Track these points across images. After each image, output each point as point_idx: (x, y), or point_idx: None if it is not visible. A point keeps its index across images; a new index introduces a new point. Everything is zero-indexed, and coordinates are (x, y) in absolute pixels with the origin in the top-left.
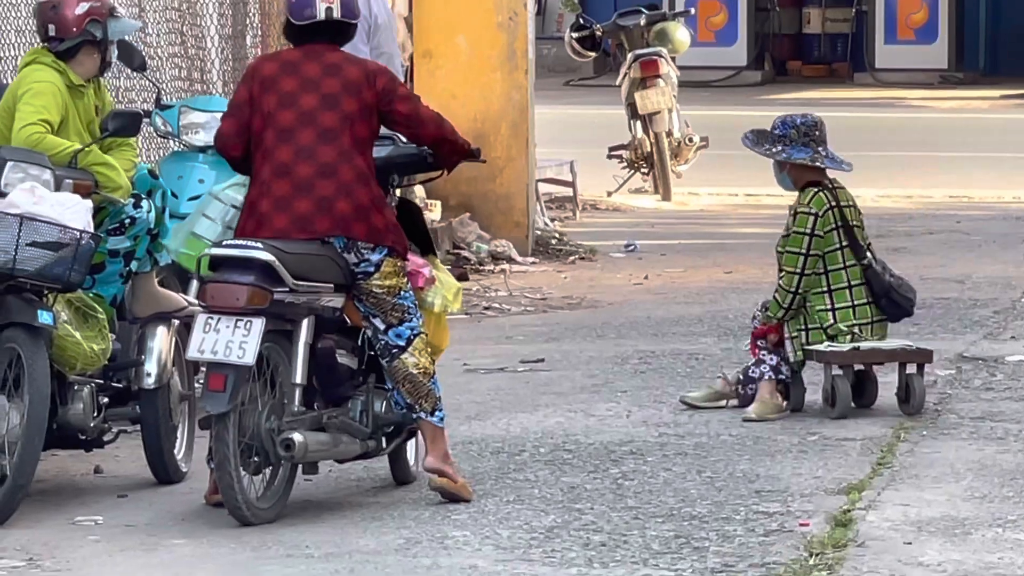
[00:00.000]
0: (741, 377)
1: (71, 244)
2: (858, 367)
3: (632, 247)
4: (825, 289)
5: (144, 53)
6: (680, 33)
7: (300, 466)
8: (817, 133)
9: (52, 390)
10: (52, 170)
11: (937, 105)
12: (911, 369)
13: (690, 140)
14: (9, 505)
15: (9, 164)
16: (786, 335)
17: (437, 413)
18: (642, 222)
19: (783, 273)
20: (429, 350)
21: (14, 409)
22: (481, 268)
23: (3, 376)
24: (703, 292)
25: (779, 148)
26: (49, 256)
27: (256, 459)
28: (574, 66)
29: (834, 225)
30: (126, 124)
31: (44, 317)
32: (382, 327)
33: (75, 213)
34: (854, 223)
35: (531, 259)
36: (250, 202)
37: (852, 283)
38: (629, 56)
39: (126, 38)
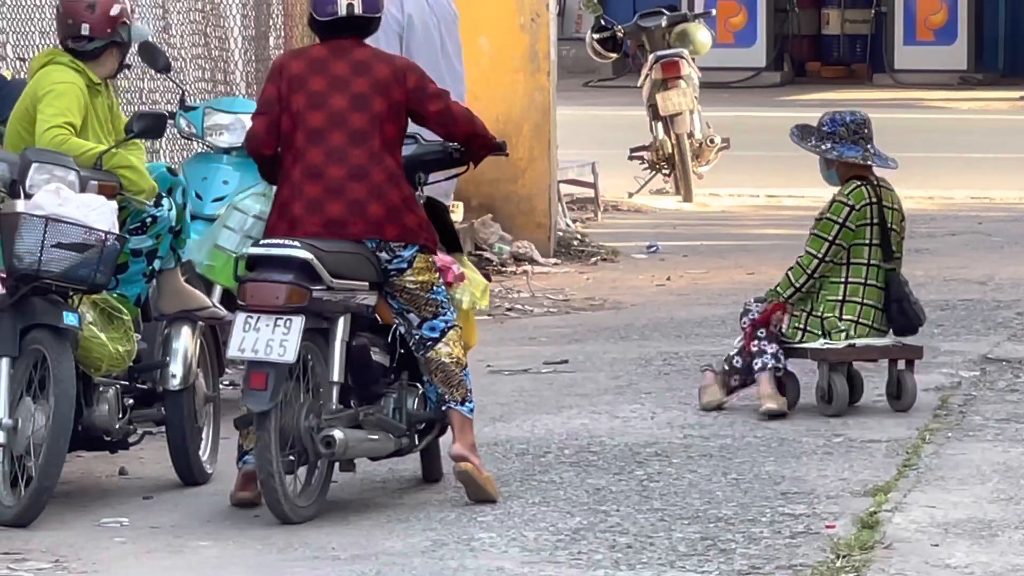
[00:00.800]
0: (726, 367)
1: (96, 245)
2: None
3: (654, 248)
4: (842, 280)
5: (168, 54)
6: (701, 34)
7: (336, 464)
8: (866, 131)
9: (77, 391)
10: (77, 171)
11: (956, 106)
12: (901, 366)
13: (711, 141)
14: (35, 507)
15: (34, 165)
16: (788, 309)
17: (467, 404)
18: (664, 223)
19: (803, 253)
20: (461, 342)
21: (39, 411)
22: (503, 269)
23: (28, 378)
24: (726, 293)
25: (829, 145)
26: (74, 257)
27: (291, 457)
28: (593, 67)
29: (869, 221)
30: (151, 125)
31: (69, 318)
32: (416, 322)
33: (100, 214)
34: (892, 226)
35: (553, 260)
36: (281, 203)
37: (868, 282)
38: (650, 57)
39: (150, 39)
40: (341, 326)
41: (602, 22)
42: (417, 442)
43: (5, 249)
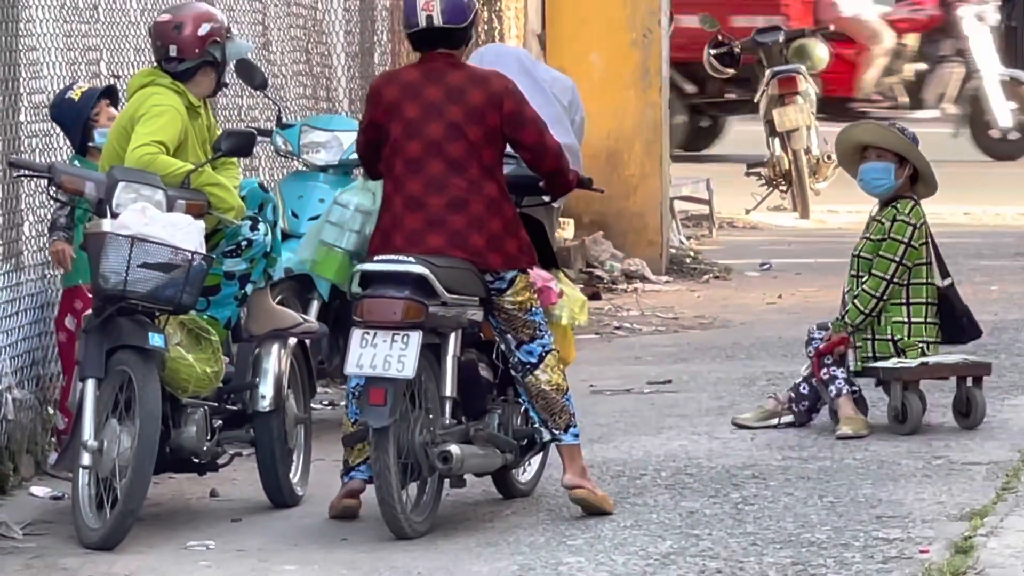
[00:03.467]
0: (792, 395)
1: (183, 265)
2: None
3: (767, 266)
4: (903, 301)
5: (267, 71)
6: (819, 50)
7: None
8: None
9: (164, 413)
10: (164, 190)
11: None
12: (969, 383)
13: (829, 157)
14: (120, 529)
15: (121, 184)
16: (853, 344)
17: (571, 430)
18: (779, 240)
19: (868, 278)
20: (561, 366)
21: (125, 432)
22: (614, 287)
23: (115, 399)
24: (836, 311)
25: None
26: (160, 278)
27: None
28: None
29: (926, 239)
30: (240, 144)
31: (155, 340)
32: (514, 344)
33: (187, 234)
34: (932, 240)
35: (664, 278)
36: (383, 231)
37: (928, 300)
38: (767, 73)
39: (247, 56)
40: (453, 341)
41: (719, 38)
42: (522, 457)
43: (92, 269)
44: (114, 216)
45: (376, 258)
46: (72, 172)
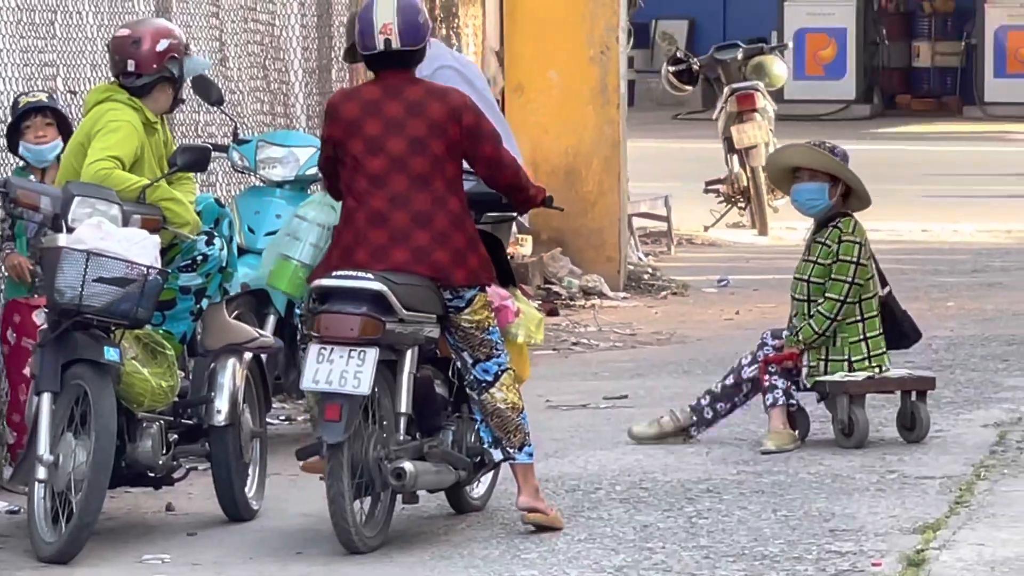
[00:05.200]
0: (691, 409)
1: (138, 280)
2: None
3: (725, 282)
4: (859, 318)
5: (224, 87)
6: (777, 67)
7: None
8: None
9: (120, 427)
10: (120, 205)
11: None
12: (913, 397)
13: None
14: (75, 543)
15: (77, 199)
16: (803, 363)
17: (526, 449)
18: (737, 257)
19: (823, 300)
20: (516, 385)
21: (80, 446)
22: (572, 303)
23: (70, 413)
24: None
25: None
26: (116, 292)
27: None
28: (682, 99)
29: (870, 254)
30: (195, 159)
31: (110, 354)
32: (470, 362)
33: (142, 249)
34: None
35: (622, 294)
36: (344, 247)
37: (878, 312)
38: (726, 90)
39: (205, 72)
40: (409, 358)
41: (678, 55)
42: (474, 474)
43: (47, 283)
44: (70, 231)
45: (334, 273)
46: (27, 187)
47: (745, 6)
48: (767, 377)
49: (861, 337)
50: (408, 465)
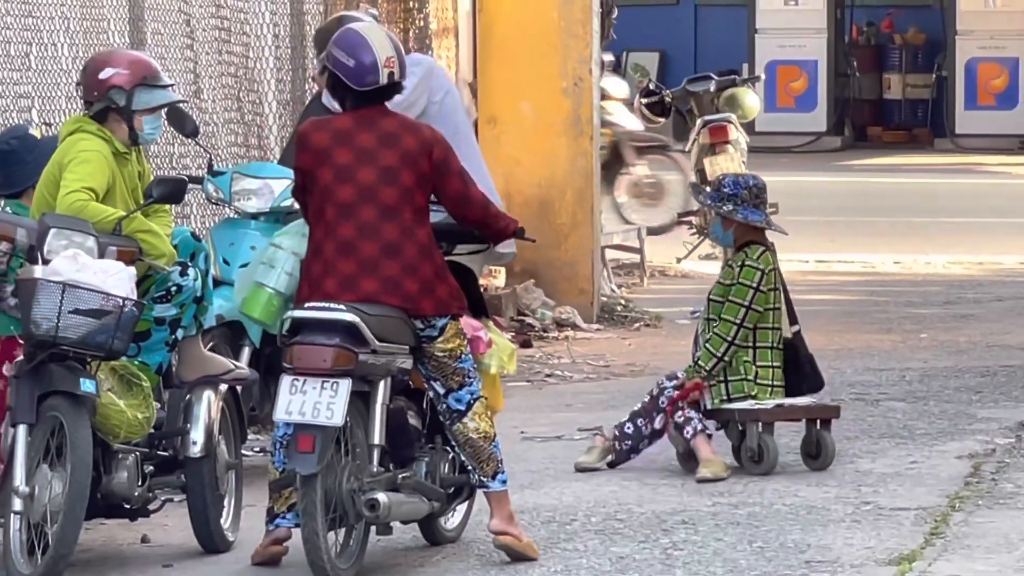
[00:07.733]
0: (616, 433)
1: (114, 312)
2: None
3: (697, 314)
4: (750, 345)
5: (199, 119)
6: (750, 99)
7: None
8: (764, 196)
9: (96, 459)
10: (96, 237)
11: (1016, 171)
12: (818, 425)
13: None
14: (51, 575)
15: (53, 231)
16: (705, 384)
17: (499, 476)
18: (709, 289)
19: (719, 322)
20: (489, 413)
21: (56, 478)
22: (545, 335)
23: (46, 445)
24: None
25: (731, 207)
26: (92, 324)
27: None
28: (658, 130)
29: (774, 286)
30: (171, 191)
31: (86, 385)
32: (442, 391)
33: (118, 280)
34: (784, 287)
35: (596, 326)
36: (314, 277)
37: (774, 345)
38: (698, 122)
39: (180, 105)
40: (382, 389)
41: (651, 87)
42: (448, 505)
43: (23, 315)
44: (46, 263)
45: (306, 305)
46: (3, 219)
47: (716, 38)
48: (679, 413)
49: (754, 364)
50: (382, 496)
